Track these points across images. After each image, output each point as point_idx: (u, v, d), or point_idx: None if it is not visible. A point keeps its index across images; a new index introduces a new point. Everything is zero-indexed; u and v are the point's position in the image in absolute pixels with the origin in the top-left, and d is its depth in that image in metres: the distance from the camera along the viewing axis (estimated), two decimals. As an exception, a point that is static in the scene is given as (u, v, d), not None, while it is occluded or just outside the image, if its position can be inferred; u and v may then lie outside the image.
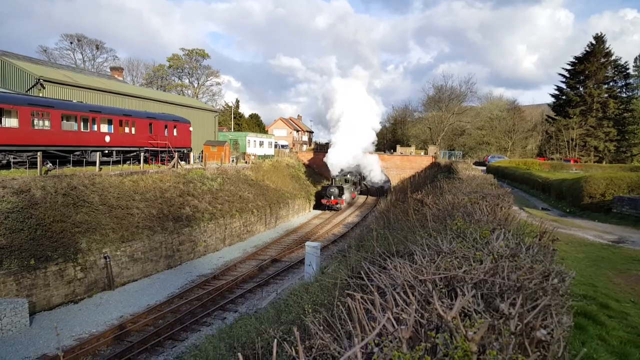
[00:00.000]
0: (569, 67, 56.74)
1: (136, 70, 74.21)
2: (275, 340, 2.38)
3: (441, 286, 3.86)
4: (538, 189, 31.71)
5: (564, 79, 57.75)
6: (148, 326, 14.81)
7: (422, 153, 55.22)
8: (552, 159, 52.27)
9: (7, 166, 20.10)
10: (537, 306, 3.45)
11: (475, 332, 2.77)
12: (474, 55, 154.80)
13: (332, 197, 42.08)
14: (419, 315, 3.20)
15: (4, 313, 13.52)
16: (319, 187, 47.70)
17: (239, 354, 2.23)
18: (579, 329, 5.92)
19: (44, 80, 28.62)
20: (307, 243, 18.39)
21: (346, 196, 43.63)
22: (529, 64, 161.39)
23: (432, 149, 54.69)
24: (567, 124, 54.23)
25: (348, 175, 47.07)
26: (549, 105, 63.50)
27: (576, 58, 55.67)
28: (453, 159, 47.76)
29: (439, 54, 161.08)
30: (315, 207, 45.16)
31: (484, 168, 43.19)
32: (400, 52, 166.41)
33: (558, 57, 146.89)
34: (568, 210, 23.22)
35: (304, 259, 20.71)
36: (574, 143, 54.24)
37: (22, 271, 15.41)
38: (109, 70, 56.56)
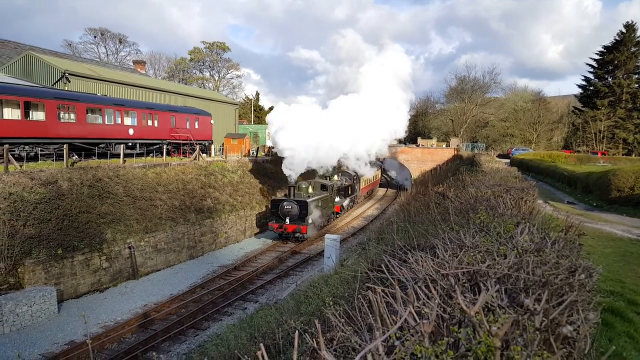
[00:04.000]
0: (596, 57, 54.90)
1: (158, 64, 75.23)
2: (297, 331, 2.39)
3: (464, 281, 3.81)
4: (563, 182, 30.96)
5: (591, 69, 55.94)
6: (171, 315, 15.13)
7: (444, 145, 54.42)
8: (578, 151, 50.89)
9: (35, 158, 20.69)
10: (563, 302, 3.38)
11: (499, 328, 2.73)
12: (497, 46, 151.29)
13: (289, 220, 25.01)
14: (441, 309, 3.17)
15: (33, 300, 14.00)
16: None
17: (261, 344, 2.25)
18: (606, 325, 5.78)
19: (69, 74, 29.28)
20: (326, 235, 18.43)
21: (315, 217, 26.39)
22: (554, 54, 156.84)
23: (454, 141, 53.89)
24: (595, 116, 52.64)
25: (329, 179, 32.01)
26: (575, 96, 61.68)
27: (605, 47, 53.82)
28: (476, 152, 46.96)
29: (461, 44, 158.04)
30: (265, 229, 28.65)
31: (508, 161, 42.36)
32: (421, 43, 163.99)
33: (585, 47, 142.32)
34: (595, 204, 22.61)
35: (323, 251, 20.76)
36: (601, 135, 52.66)
37: (50, 260, 15.91)
38: (131, 64, 57.48)
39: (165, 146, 28.59)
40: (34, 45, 39.07)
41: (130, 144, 26.82)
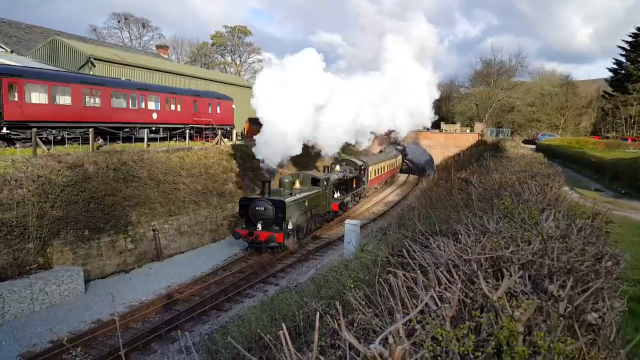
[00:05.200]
0: (629, 39, 52.67)
1: (180, 48, 75.68)
2: (318, 313, 2.41)
3: (486, 266, 3.77)
4: (591, 169, 30.14)
5: (623, 52, 53.73)
6: (194, 296, 15.48)
7: (468, 130, 53.40)
8: (607, 137, 49.29)
9: (62, 142, 21.21)
10: (589, 289, 3.31)
11: (522, 313, 2.70)
12: (524, 28, 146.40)
13: (261, 225, 19.30)
14: (463, 294, 3.15)
15: (62, 280, 14.51)
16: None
17: (283, 324, 2.28)
18: (633, 314, 5.65)
19: (94, 59, 29.77)
20: (346, 221, 18.47)
21: (299, 221, 21.00)
22: (583, 37, 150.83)
23: (478, 127, 52.83)
24: (626, 100, 50.73)
25: (328, 170, 28.09)
26: (605, 80, 59.48)
27: (638, 29, 51.56)
28: (500, 137, 45.98)
29: (487, 26, 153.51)
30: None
31: (534, 146, 41.40)
32: (446, 26, 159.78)
33: (617, 29, 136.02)
34: (624, 192, 21.96)
35: (343, 236, 20.81)
36: (632, 120, 50.81)
37: (77, 241, 16.43)
38: (154, 49, 58.01)
39: (187, 130, 28.92)
40: (59, 31, 39.77)
41: (153, 129, 27.21)
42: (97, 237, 17.19)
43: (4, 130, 18.80)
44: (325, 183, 24.46)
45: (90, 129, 21.25)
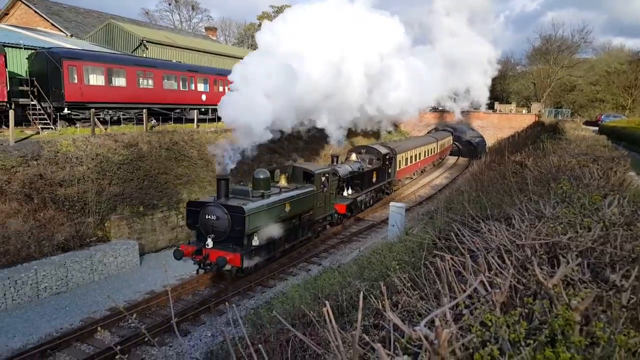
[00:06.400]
0: None
1: (228, 30, 76.68)
2: (362, 292, 2.37)
3: (541, 252, 3.58)
4: (661, 154, 27.94)
5: None
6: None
7: (524, 111, 50.86)
8: (681, 119, 45.34)
9: (118, 122, 22.22)
10: (657, 280, 3.06)
11: (579, 302, 2.54)
12: (589, 1, 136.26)
13: (211, 240, 13.77)
14: (515, 280, 3.00)
15: (118, 252, 15.40)
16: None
17: (327, 302, 2.26)
18: None
19: (147, 42, 30.74)
20: (391, 203, 18.23)
21: (269, 235, 14.95)
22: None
23: (535, 107, 50.23)
24: None
25: (321, 165, 22.00)
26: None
27: None
28: (559, 118, 43.49)
29: (547, 0, 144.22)
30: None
31: (596, 128, 38.82)
32: (502, 0, 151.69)
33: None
34: (697, 179, 20.20)
35: (387, 218, 20.62)
36: None
37: (132, 216, 17.33)
38: (203, 31, 59.11)
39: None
40: (114, 14, 41.31)
41: (202, 110, 27.91)
42: (151, 213, 18.04)
43: (66, 110, 19.92)
44: (323, 178, 18.51)
45: (144, 110, 22.09)
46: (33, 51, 20.65)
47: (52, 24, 32.11)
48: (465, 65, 30.46)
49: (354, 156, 24.47)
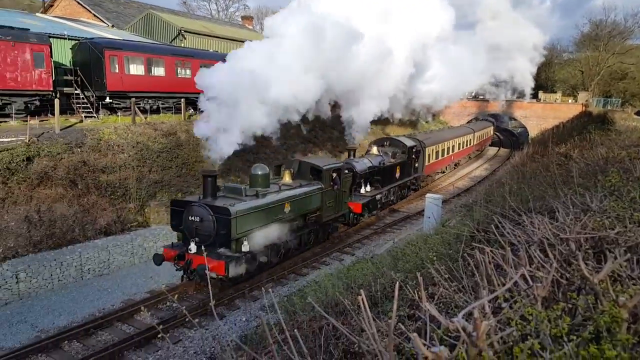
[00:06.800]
0: None
1: (264, 18, 76.94)
2: (397, 282, 2.34)
3: (586, 247, 3.42)
4: None
5: None
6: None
7: (570, 100, 48.60)
8: None
9: (157, 111, 22.82)
10: None
11: (628, 299, 2.42)
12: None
13: (194, 245, 12.16)
14: (558, 275, 2.89)
15: (158, 237, 15.95)
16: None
17: (361, 291, 2.24)
18: None
19: (185, 31, 31.27)
20: (427, 195, 17.94)
21: (264, 239, 13.26)
22: None
23: (582, 96, 47.85)
24: None
25: (332, 160, 21.21)
26: None
27: None
28: (609, 108, 41.33)
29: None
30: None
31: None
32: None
33: None
34: None
35: (422, 210, 20.31)
36: None
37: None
38: (240, 20, 59.54)
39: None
40: (154, 5, 42.27)
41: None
42: (189, 200, 18.56)
43: (107, 99, 20.65)
44: (334, 175, 16.74)
45: (182, 99, 22.58)
46: (76, 41, 21.41)
47: (94, 15, 33.21)
48: (510, 51, 28.73)
49: (375, 149, 22.58)
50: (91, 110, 20.05)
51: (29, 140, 15.56)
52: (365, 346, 2.03)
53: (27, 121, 16.76)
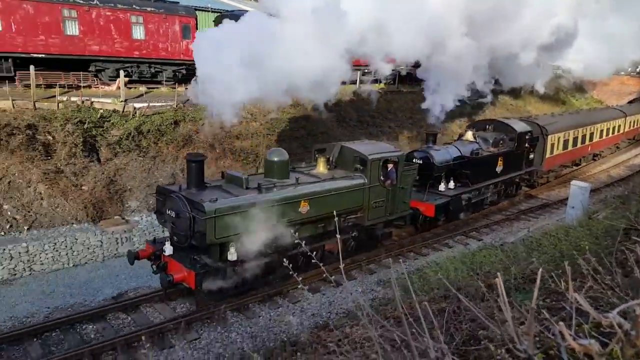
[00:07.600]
0: None
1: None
2: (540, 269, 2.13)
3: None
4: None
5: None
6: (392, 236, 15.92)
7: None
8: None
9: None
10: None
11: None
12: None
13: (168, 247, 9.93)
14: None
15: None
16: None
17: (498, 274, 2.09)
18: None
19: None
20: (572, 182, 16.00)
21: (256, 246, 9.84)
22: None
23: None
24: None
25: (390, 146, 13.99)
26: None
27: None
28: None
29: None
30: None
31: None
32: None
33: None
34: None
35: (564, 198, 18.28)
36: None
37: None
38: None
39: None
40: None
41: (365, 71, 28.20)
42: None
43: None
44: (388, 166, 13.01)
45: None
46: (218, 14, 23.28)
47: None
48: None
49: (469, 135, 18.04)
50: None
51: (176, 106, 17.79)
52: (499, 332, 1.90)
53: (175, 88, 19.03)
